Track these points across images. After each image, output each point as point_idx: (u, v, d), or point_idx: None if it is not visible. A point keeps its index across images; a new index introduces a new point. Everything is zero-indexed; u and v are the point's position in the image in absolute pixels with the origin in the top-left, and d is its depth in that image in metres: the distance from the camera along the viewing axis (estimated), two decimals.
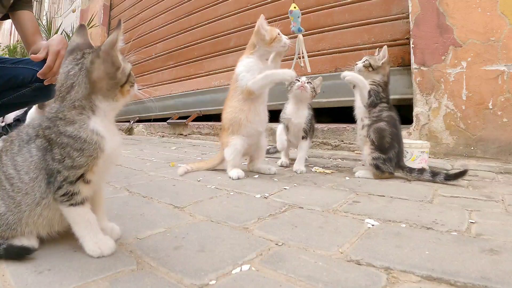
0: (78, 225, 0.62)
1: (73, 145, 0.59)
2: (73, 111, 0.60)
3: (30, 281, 0.53)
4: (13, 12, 1.68)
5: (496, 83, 1.81)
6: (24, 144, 0.62)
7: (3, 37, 9.41)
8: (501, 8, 1.80)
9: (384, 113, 1.42)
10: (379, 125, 1.40)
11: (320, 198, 1.07)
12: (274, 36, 1.41)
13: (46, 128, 0.61)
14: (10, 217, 0.61)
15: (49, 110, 0.62)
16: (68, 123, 0.60)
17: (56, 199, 0.61)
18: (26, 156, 0.61)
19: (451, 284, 0.53)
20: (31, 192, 0.60)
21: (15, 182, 0.60)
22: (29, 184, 0.60)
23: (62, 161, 0.59)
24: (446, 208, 0.95)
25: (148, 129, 4.20)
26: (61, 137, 0.59)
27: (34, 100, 1.89)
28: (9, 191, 0.61)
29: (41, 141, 0.61)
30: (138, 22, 4.70)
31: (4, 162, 0.62)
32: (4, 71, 1.60)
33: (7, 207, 0.61)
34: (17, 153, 0.61)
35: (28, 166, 0.60)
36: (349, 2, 2.55)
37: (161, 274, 0.56)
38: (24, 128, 0.65)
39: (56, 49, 1.39)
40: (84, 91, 0.61)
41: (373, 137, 1.39)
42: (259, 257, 0.62)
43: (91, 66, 0.61)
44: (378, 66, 1.48)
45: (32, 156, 0.60)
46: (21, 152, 0.61)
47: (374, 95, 1.43)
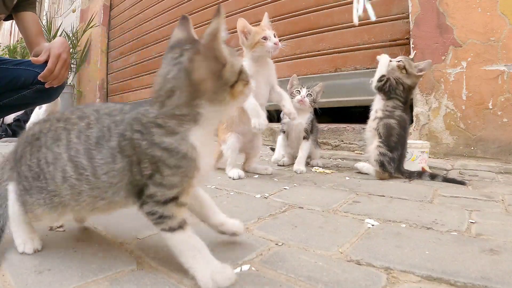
0: (184, 255, 0.52)
1: (166, 161, 0.49)
2: (173, 120, 0.50)
3: (30, 281, 0.53)
4: (17, 13, 1.68)
5: (496, 83, 1.81)
6: (103, 141, 0.53)
7: (3, 37, 9.41)
8: (501, 8, 1.80)
9: (397, 111, 1.41)
10: (389, 121, 1.39)
11: (320, 198, 1.07)
12: (255, 41, 1.36)
13: (136, 131, 0.51)
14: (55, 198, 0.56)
15: (143, 112, 0.52)
16: (167, 133, 0.50)
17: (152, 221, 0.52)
18: (106, 154, 0.52)
19: (451, 284, 0.53)
20: (101, 190, 0.53)
21: (87, 174, 0.53)
22: (105, 184, 0.53)
23: (150, 177, 0.50)
24: (446, 208, 0.95)
25: None
26: (154, 148, 0.49)
27: (35, 102, 1.88)
28: (71, 177, 0.53)
29: (125, 144, 0.51)
30: (138, 22, 4.70)
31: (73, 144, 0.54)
32: (6, 73, 1.60)
33: (56, 186, 0.55)
34: (94, 147, 0.53)
35: (109, 167, 0.52)
36: (349, 2, 2.54)
37: (161, 274, 0.56)
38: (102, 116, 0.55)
39: (57, 52, 1.39)
40: (186, 96, 0.50)
41: (381, 131, 1.39)
42: (259, 257, 0.62)
43: (190, 65, 0.50)
44: (413, 74, 1.43)
45: (115, 161, 0.51)
46: (100, 148, 0.52)
47: (389, 86, 1.42)
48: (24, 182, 0.59)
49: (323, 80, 1.99)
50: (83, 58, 5.41)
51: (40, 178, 0.57)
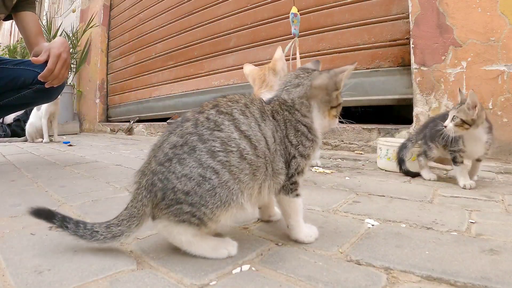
0: (297, 215, 0.67)
1: (307, 135, 0.65)
2: (303, 107, 0.67)
3: (30, 281, 0.53)
4: (16, 13, 1.68)
5: (496, 83, 1.81)
6: (265, 116, 0.63)
7: (3, 37, 9.41)
8: (501, 8, 1.80)
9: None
10: None
11: (320, 198, 1.07)
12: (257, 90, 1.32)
13: (285, 110, 0.66)
14: (233, 185, 0.56)
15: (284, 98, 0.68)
16: (303, 116, 0.67)
17: (286, 188, 0.65)
18: (271, 127, 0.63)
19: (451, 284, 0.53)
20: (271, 163, 0.61)
21: (261, 146, 0.59)
22: (273, 154, 0.61)
23: (297, 147, 0.64)
24: (446, 208, 0.95)
25: (148, 129, 4.20)
26: (299, 124, 0.65)
27: (35, 102, 1.89)
28: (248, 153, 0.57)
29: (279, 118, 0.65)
30: (138, 22, 4.70)
31: (246, 122, 0.59)
32: (6, 73, 1.60)
33: (232, 173, 0.56)
34: (261, 121, 0.62)
35: (274, 136, 0.62)
36: (349, 2, 2.55)
37: (161, 274, 0.56)
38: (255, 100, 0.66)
39: (57, 52, 1.39)
40: (304, 92, 0.68)
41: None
42: (259, 257, 0.62)
43: (317, 76, 0.69)
44: (474, 118, 1.13)
45: (277, 131, 0.63)
46: (265, 121, 0.63)
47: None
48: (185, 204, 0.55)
49: None
50: (83, 58, 5.41)
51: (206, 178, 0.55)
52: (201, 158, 0.55)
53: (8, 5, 1.62)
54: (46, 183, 1.29)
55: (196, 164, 0.55)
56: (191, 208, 0.55)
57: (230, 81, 3.39)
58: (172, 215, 0.56)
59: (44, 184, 1.27)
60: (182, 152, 0.55)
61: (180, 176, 0.55)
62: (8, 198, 1.06)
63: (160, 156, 0.57)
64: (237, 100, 0.63)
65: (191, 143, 0.56)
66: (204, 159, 0.55)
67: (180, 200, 0.55)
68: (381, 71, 2.38)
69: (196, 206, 0.55)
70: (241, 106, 0.61)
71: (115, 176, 1.46)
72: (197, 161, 0.55)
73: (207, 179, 0.54)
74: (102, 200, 1.05)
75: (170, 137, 0.58)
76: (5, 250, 0.65)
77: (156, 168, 0.57)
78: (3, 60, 1.66)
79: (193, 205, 0.55)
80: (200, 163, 0.54)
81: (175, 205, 0.55)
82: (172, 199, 0.55)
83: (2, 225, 0.79)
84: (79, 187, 1.22)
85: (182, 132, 0.57)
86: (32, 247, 0.66)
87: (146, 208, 0.58)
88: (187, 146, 0.56)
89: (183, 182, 0.54)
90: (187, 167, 0.55)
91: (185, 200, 0.55)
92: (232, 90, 3.30)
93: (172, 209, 0.56)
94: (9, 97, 1.64)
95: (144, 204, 0.58)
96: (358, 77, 2.47)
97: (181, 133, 0.57)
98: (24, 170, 1.60)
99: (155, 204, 0.57)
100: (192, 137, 0.56)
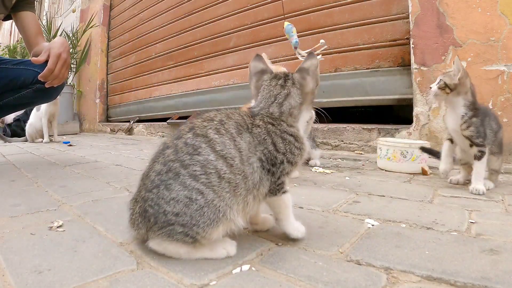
0: (286, 208, 0.69)
1: (294, 143, 0.67)
2: (289, 117, 0.69)
3: (30, 281, 0.53)
4: (16, 13, 1.68)
5: (496, 83, 1.81)
6: (242, 129, 0.64)
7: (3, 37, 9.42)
8: (501, 8, 1.80)
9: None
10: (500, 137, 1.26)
11: (320, 198, 1.07)
12: None
13: (268, 123, 0.67)
14: (219, 203, 0.58)
15: (271, 111, 0.69)
16: (289, 126, 0.68)
17: (273, 190, 0.66)
18: (248, 139, 0.63)
19: (451, 284, 0.53)
20: (249, 176, 0.61)
21: (236, 163, 0.60)
22: (250, 167, 0.62)
23: (285, 154, 0.65)
24: (446, 208, 0.95)
25: (148, 129, 4.20)
26: (285, 134, 0.67)
27: (35, 102, 1.89)
28: (225, 173, 0.59)
29: (259, 131, 0.65)
30: (138, 22, 4.70)
31: (220, 141, 0.61)
32: (5, 72, 1.60)
33: (216, 192, 0.58)
34: (236, 135, 0.62)
35: (250, 150, 0.63)
36: (349, 2, 2.55)
37: (161, 274, 0.56)
38: (233, 114, 0.67)
39: (57, 52, 1.39)
40: (298, 101, 0.70)
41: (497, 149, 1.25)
42: (259, 257, 0.62)
43: (303, 81, 0.71)
44: (456, 83, 1.20)
45: (252, 142, 0.64)
46: (242, 135, 0.63)
47: (479, 138, 1.18)
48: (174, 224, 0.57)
49: (323, 80, 1.99)
50: (83, 58, 5.41)
51: (193, 199, 0.57)
52: (185, 181, 0.58)
53: (7, 5, 1.62)
54: (46, 183, 1.29)
55: (181, 188, 0.57)
56: (183, 228, 0.57)
57: (230, 81, 3.39)
58: (166, 235, 0.58)
59: (44, 184, 1.27)
60: (168, 178, 0.58)
61: (168, 200, 0.57)
62: (8, 198, 1.06)
63: (148, 184, 0.60)
64: (212, 118, 0.64)
65: (174, 170, 0.59)
66: (188, 182, 0.57)
67: (171, 222, 0.57)
68: (381, 71, 2.38)
69: (187, 226, 0.57)
70: (216, 124, 0.63)
71: (115, 176, 1.46)
72: (182, 185, 0.57)
73: (194, 200, 0.57)
74: (102, 200, 1.05)
75: (155, 165, 0.61)
76: (5, 250, 0.64)
77: (146, 195, 0.60)
78: (3, 60, 1.66)
79: (185, 226, 0.57)
80: (185, 186, 0.57)
81: (168, 226, 0.58)
82: (164, 221, 0.58)
83: (2, 225, 0.79)
84: (79, 187, 1.22)
85: (164, 159, 0.60)
86: (32, 247, 0.66)
87: (141, 231, 0.61)
88: (171, 172, 0.59)
89: (172, 204, 0.57)
90: (174, 191, 0.57)
91: (176, 221, 0.57)
92: (233, 90, 3.30)
93: (165, 230, 0.58)
94: (9, 97, 1.64)
95: (139, 228, 0.61)
96: (358, 77, 2.47)
97: (164, 161, 0.60)
98: (24, 170, 1.60)
99: (149, 227, 0.60)
100: (175, 164, 0.59)
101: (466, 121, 1.19)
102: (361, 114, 3.30)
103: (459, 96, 1.20)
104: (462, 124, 1.19)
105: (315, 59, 0.73)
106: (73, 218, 0.85)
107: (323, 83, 1.79)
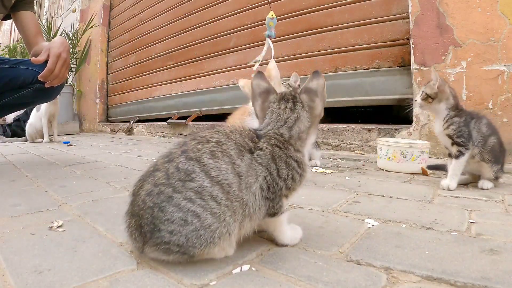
0: (282, 226, 0.67)
1: (297, 169, 0.65)
2: (298, 141, 0.67)
3: (30, 281, 0.53)
4: (15, 13, 1.68)
5: (496, 83, 1.81)
6: (243, 151, 0.61)
7: (3, 37, 9.42)
8: (501, 8, 1.80)
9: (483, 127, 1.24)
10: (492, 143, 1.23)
11: (320, 198, 1.07)
12: None
13: (276, 146, 0.63)
14: (220, 229, 0.56)
15: (281, 132, 0.65)
16: (296, 151, 0.66)
17: (270, 213, 0.63)
18: (248, 163, 0.60)
19: (451, 284, 0.53)
20: (248, 204, 0.59)
21: (233, 190, 0.57)
22: (250, 195, 0.59)
23: (285, 180, 0.63)
24: (446, 208, 0.95)
25: (148, 129, 4.20)
26: (290, 160, 0.64)
27: (35, 101, 1.89)
28: (221, 199, 0.56)
29: (263, 153, 0.62)
30: (138, 22, 4.70)
31: (215, 166, 0.57)
32: (5, 72, 1.60)
33: (215, 217, 0.56)
34: (236, 158, 0.59)
35: (250, 175, 0.60)
36: (349, 2, 2.55)
37: (161, 274, 0.56)
38: (234, 134, 0.63)
39: (57, 52, 1.39)
40: (307, 125, 0.67)
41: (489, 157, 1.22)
42: (259, 257, 0.62)
43: (312, 104, 0.68)
44: (436, 92, 1.26)
45: (256, 168, 0.61)
46: (242, 158, 0.60)
47: (460, 138, 1.20)
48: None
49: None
50: (83, 58, 5.41)
51: (188, 222, 0.55)
52: (179, 203, 0.55)
53: (6, 4, 1.62)
54: (46, 183, 1.29)
55: (176, 209, 0.55)
56: (179, 248, 0.56)
57: (230, 81, 3.39)
58: (162, 252, 0.57)
59: (44, 184, 1.27)
60: (161, 201, 0.56)
61: (163, 221, 0.55)
62: (8, 198, 1.05)
63: (140, 203, 0.58)
64: (208, 139, 0.60)
65: (167, 193, 0.56)
66: (183, 204, 0.55)
67: (167, 241, 0.56)
68: (381, 71, 2.38)
69: (184, 247, 0.56)
70: (212, 146, 0.59)
71: (115, 176, 1.46)
72: (177, 206, 0.55)
73: (189, 223, 0.55)
74: (103, 200, 1.05)
75: (144, 185, 0.59)
76: (5, 250, 0.64)
77: (140, 213, 0.58)
78: (3, 59, 1.66)
79: (181, 246, 0.56)
80: (179, 208, 0.55)
81: (163, 245, 0.56)
82: (161, 241, 0.56)
83: (2, 225, 0.79)
84: (79, 187, 1.22)
85: (154, 181, 0.57)
86: (32, 247, 0.66)
87: (139, 244, 0.59)
88: (163, 195, 0.56)
89: (166, 225, 0.55)
90: (169, 213, 0.55)
91: (171, 241, 0.55)
92: (233, 90, 3.29)
93: (161, 247, 0.56)
94: (9, 96, 1.64)
95: (137, 241, 0.59)
96: (358, 77, 2.47)
97: (154, 183, 0.57)
98: (24, 170, 1.60)
99: (145, 242, 0.58)
100: (167, 189, 0.56)
101: (448, 121, 1.24)
102: (361, 114, 3.30)
103: (441, 103, 1.26)
104: (444, 124, 1.25)
105: (321, 79, 0.69)
106: (73, 218, 0.85)
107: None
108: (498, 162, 1.24)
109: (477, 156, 1.23)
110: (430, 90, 1.28)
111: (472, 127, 1.22)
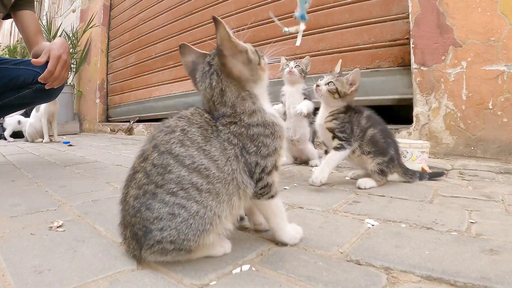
0: (277, 217, 0.66)
1: (264, 133, 0.61)
2: (245, 102, 0.62)
3: (30, 281, 0.53)
4: (15, 12, 1.69)
5: (496, 83, 1.81)
6: (208, 133, 0.59)
7: (3, 37, 9.41)
8: (501, 8, 1.80)
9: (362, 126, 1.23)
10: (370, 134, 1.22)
11: (320, 198, 1.07)
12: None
13: (231, 123, 0.60)
14: (205, 214, 0.56)
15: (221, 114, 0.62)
16: (251, 115, 0.61)
17: (257, 194, 0.62)
18: (218, 146, 0.59)
19: (451, 284, 0.53)
20: (230, 182, 0.58)
21: (212, 172, 0.57)
22: (230, 173, 0.58)
23: (258, 152, 0.60)
24: (446, 208, 0.95)
25: (148, 129, 4.20)
26: (251, 128, 0.60)
27: (35, 102, 1.89)
28: (202, 184, 0.56)
29: (227, 136, 0.60)
30: (138, 22, 4.70)
31: (187, 154, 0.57)
32: (5, 72, 1.60)
33: (199, 204, 0.56)
34: (205, 143, 0.58)
35: (226, 156, 0.58)
36: (349, 2, 2.55)
37: (161, 274, 0.56)
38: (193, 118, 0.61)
39: (58, 54, 1.39)
40: (235, 90, 0.62)
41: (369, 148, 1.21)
42: (259, 257, 0.62)
43: (226, 68, 0.61)
44: (347, 93, 1.21)
45: (226, 149, 0.59)
46: (211, 142, 0.59)
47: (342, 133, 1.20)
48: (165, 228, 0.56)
49: None
50: (83, 58, 5.41)
51: (175, 214, 0.55)
52: (164, 198, 0.56)
53: (6, 4, 1.62)
54: (46, 183, 1.29)
55: (162, 205, 0.55)
56: (173, 244, 0.56)
57: None
58: (159, 254, 0.57)
59: (44, 184, 1.27)
60: (146, 200, 0.56)
61: (152, 220, 0.56)
62: (8, 198, 1.06)
63: (129, 209, 0.58)
64: (173, 129, 0.60)
65: (151, 191, 0.56)
66: (168, 199, 0.56)
67: (159, 240, 0.56)
68: (381, 71, 2.38)
69: (177, 243, 0.56)
70: (178, 135, 0.59)
71: (115, 176, 1.46)
72: (162, 202, 0.56)
73: (177, 215, 0.55)
74: (103, 200, 1.05)
75: (130, 191, 0.59)
76: (5, 250, 0.64)
77: (131, 220, 0.58)
78: (3, 59, 1.66)
79: (174, 242, 0.55)
80: (165, 203, 0.55)
81: (157, 245, 0.56)
82: (154, 241, 0.56)
83: (2, 225, 0.79)
84: (79, 187, 1.22)
85: (137, 184, 0.58)
86: (32, 247, 0.66)
87: (137, 252, 0.59)
88: (148, 193, 0.57)
89: (156, 223, 0.55)
90: (156, 210, 0.55)
91: (163, 238, 0.55)
92: None
93: (156, 248, 0.56)
94: (9, 96, 1.64)
95: (135, 250, 0.59)
96: None
97: (137, 185, 0.58)
98: (24, 170, 1.60)
99: (141, 247, 0.58)
100: (149, 186, 0.57)
101: (333, 115, 1.21)
102: None
103: (342, 102, 1.23)
104: (327, 117, 1.22)
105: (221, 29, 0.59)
106: (73, 218, 0.85)
107: None
108: (383, 154, 1.20)
109: (357, 150, 1.21)
110: (342, 87, 1.20)
111: (353, 122, 1.20)
